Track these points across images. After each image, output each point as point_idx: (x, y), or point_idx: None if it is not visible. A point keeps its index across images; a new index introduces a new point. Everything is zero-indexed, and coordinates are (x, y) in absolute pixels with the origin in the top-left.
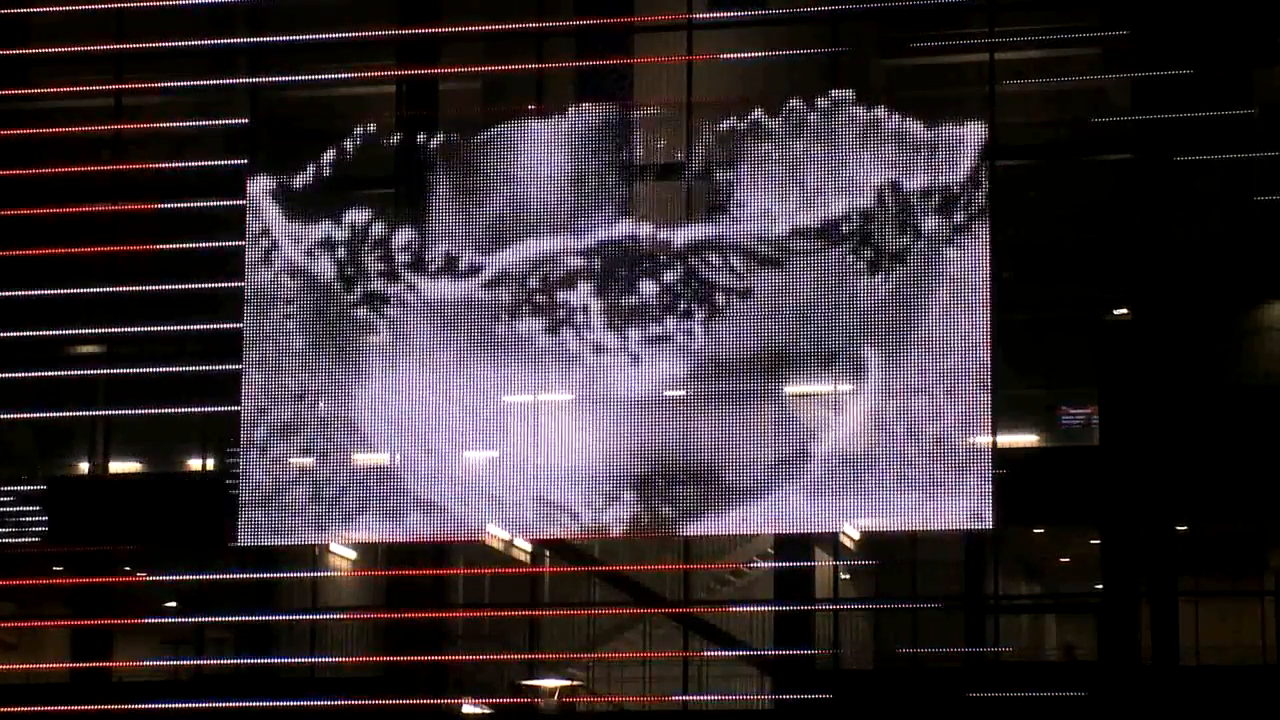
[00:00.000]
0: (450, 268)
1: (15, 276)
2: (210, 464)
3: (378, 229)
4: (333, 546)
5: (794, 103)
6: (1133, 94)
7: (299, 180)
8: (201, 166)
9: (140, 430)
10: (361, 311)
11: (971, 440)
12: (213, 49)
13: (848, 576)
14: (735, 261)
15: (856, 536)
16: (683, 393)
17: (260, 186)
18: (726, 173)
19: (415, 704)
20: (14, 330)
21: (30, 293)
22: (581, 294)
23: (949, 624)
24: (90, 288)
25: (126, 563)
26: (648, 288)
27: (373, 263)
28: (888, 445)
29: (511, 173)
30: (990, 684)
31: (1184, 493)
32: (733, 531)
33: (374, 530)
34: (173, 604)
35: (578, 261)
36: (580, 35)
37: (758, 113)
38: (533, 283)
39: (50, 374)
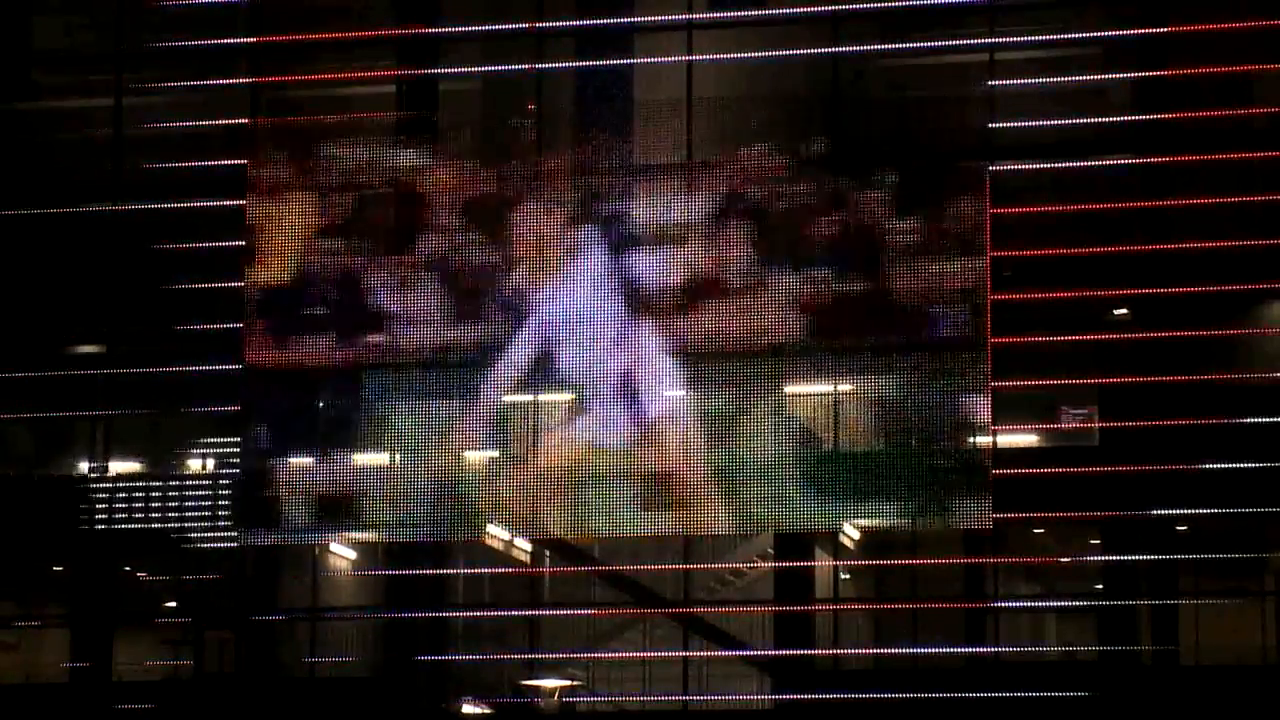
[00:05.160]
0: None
1: (15, 277)
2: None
3: None
4: (333, 546)
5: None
6: (1133, 94)
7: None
8: (201, 166)
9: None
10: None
11: (971, 440)
12: (213, 49)
13: (848, 576)
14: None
15: (856, 536)
16: (683, 393)
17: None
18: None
19: (415, 704)
20: (13, 330)
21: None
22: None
23: (949, 624)
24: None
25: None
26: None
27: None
28: (888, 445)
29: None
30: (990, 684)
31: (1184, 493)
32: (733, 532)
33: (374, 530)
34: (173, 604)
35: None
36: (580, 35)
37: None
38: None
39: (51, 374)
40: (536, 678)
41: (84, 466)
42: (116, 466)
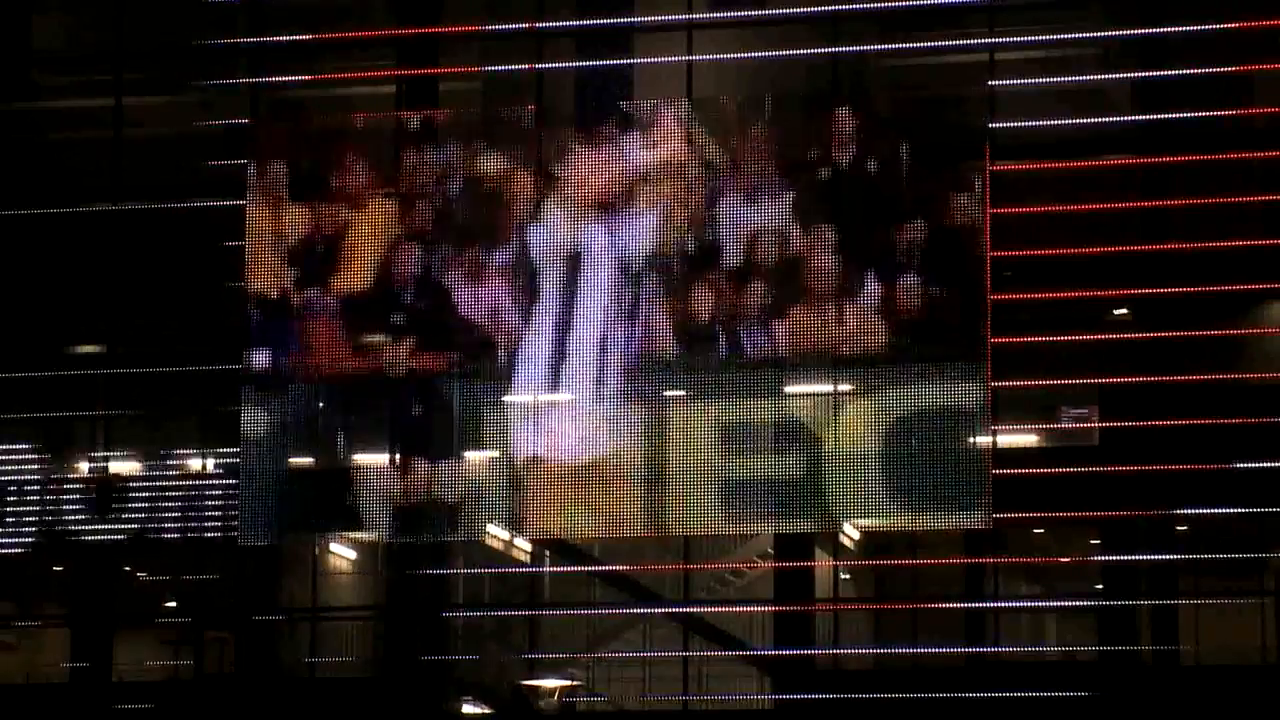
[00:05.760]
0: None
1: (15, 277)
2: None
3: None
4: (333, 546)
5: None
6: (1133, 94)
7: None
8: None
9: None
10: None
11: (971, 440)
12: (212, 49)
13: (848, 576)
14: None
15: (856, 536)
16: (682, 392)
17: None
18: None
19: (415, 704)
20: (13, 330)
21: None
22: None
23: (949, 624)
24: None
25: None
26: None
27: None
28: (888, 445)
29: None
30: (990, 684)
31: (1184, 493)
32: (733, 531)
33: (374, 530)
34: (173, 604)
35: None
36: (580, 35)
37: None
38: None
39: (51, 374)
40: (536, 678)
41: (84, 467)
42: (116, 466)
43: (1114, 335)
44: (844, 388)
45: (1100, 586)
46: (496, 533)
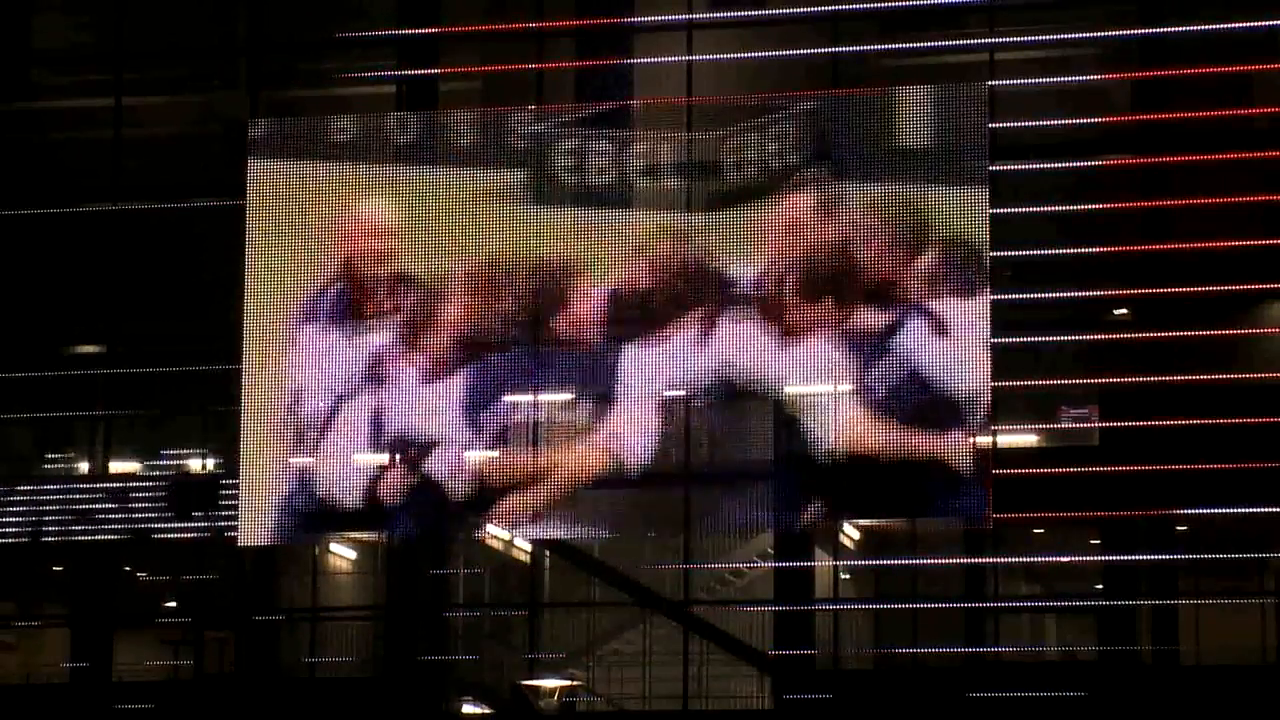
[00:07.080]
0: None
1: (15, 277)
2: (210, 464)
3: None
4: (333, 546)
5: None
6: (1132, 94)
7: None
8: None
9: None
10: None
11: (971, 440)
12: (212, 49)
13: (848, 576)
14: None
15: (856, 536)
16: (682, 392)
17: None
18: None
19: (415, 704)
20: (13, 330)
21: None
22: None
23: (949, 624)
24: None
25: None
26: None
27: None
28: (888, 445)
29: None
30: (990, 684)
31: (1184, 493)
32: (732, 532)
33: (374, 530)
34: (173, 604)
35: None
36: (580, 35)
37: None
38: None
39: (51, 374)
40: (536, 678)
41: (84, 467)
42: (117, 466)
43: (1114, 335)
44: (844, 387)
45: (1100, 586)
46: (496, 533)
